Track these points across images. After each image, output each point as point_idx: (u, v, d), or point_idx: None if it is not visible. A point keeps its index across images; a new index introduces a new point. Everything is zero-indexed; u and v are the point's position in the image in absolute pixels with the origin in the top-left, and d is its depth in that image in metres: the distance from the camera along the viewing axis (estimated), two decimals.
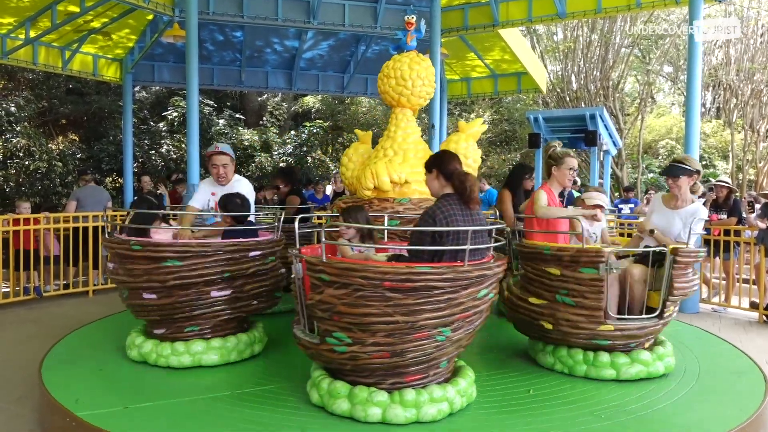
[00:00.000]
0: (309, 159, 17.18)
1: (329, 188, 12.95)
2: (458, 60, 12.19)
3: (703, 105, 21.60)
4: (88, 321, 5.41)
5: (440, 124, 10.01)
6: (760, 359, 4.52)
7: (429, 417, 3.12)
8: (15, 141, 12.53)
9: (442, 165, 3.35)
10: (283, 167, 13.00)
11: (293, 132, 18.07)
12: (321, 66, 12.64)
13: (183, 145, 14.28)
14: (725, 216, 7.41)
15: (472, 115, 19.57)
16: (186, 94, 8.14)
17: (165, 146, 15.02)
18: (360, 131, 5.42)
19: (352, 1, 9.63)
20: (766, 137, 18.41)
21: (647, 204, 9.16)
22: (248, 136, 16.96)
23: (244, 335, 4.27)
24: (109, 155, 14.26)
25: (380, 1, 9.59)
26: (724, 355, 4.53)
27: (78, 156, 14.46)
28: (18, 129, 12.64)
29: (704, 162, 18.87)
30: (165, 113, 15.72)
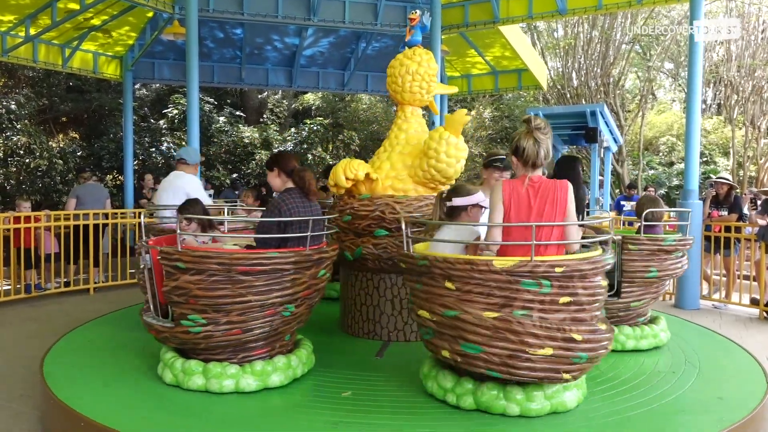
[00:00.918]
0: (309, 156, 17.16)
1: None
2: (459, 57, 12.18)
3: (704, 101, 21.57)
4: (89, 318, 5.42)
5: (441, 122, 10.01)
6: (761, 356, 4.52)
7: (276, 383, 3.52)
8: (15, 139, 12.52)
9: (281, 164, 3.81)
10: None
11: (293, 129, 18.04)
12: (321, 63, 12.63)
13: (183, 143, 14.27)
14: (726, 212, 7.41)
15: (473, 112, 19.55)
16: (186, 92, 8.15)
17: (165, 144, 15.01)
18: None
19: None
20: (767, 134, 18.38)
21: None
22: (248, 134, 16.94)
23: None
24: (110, 153, 14.26)
25: None
26: (725, 352, 4.52)
27: (78, 154, 14.45)
28: (18, 127, 12.64)
29: (705, 158, 18.85)
30: (165, 111, 15.71)
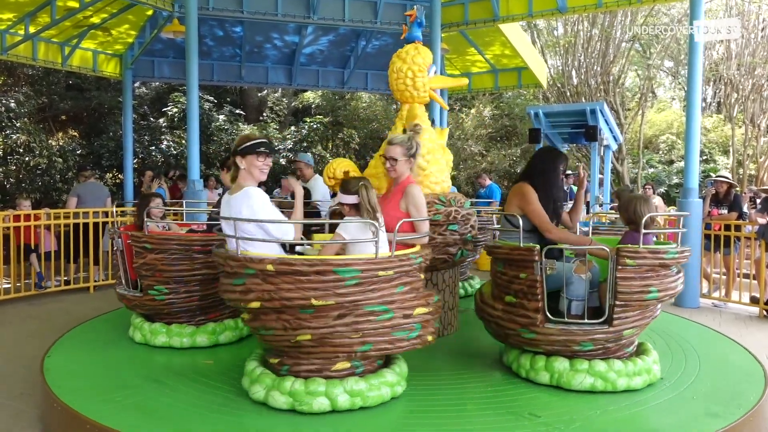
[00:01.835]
0: (309, 154, 17.14)
1: None
2: (459, 55, 12.17)
3: (704, 100, 21.57)
4: (90, 317, 5.43)
5: (441, 121, 10.01)
6: (761, 354, 4.52)
7: (225, 340, 4.47)
8: (15, 137, 12.50)
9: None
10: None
11: (293, 128, 18.03)
12: (321, 61, 12.61)
13: (183, 141, 14.26)
14: (726, 211, 7.42)
15: (472, 111, 19.54)
16: (186, 90, 8.14)
17: (165, 142, 14.99)
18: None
19: None
20: (767, 132, 18.39)
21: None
22: (248, 132, 16.93)
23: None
24: (109, 151, 14.24)
25: None
26: (724, 350, 4.53)
27: (78, 152, 14.43)
28: (18, 125, 12.62)
29: (705, 157, 18.84)
30: (165, 109, 15.69)
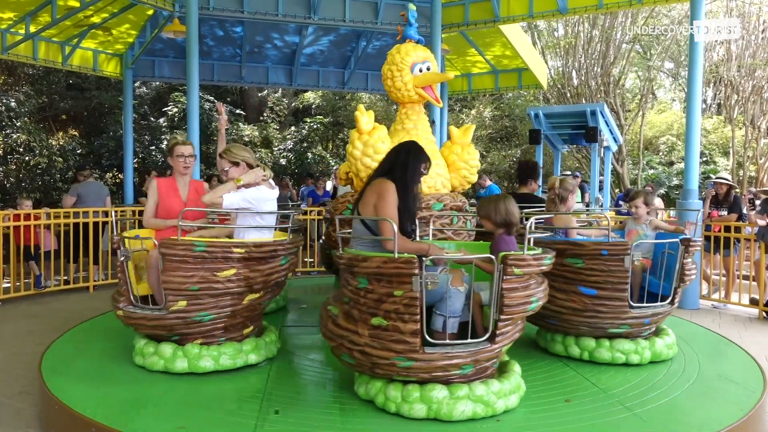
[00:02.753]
0: (309, 155, 17.16)
1: (329, 184, 12.95)
2: (459, 56, 12.18)
3: (704, 101, 21.58)
4: (89, 316, 5.42)
5: (441, 121, 10.01)
6: (760, 356, 4.52)
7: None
8: (15, 136, 12.52)
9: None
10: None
11: (293, 128, 18.05)
12: (321, 62, 12.62)
13: None
14: (726, 212, 7.42)
15: (473, 111, 19.55)
16: (186, 90, 8.15)
17: (165, 142, 15.01)
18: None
19: None
20: (767, 134, 18.39)
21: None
22: (248, 132, 16.95)
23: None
24: (110, 151, 14.26)
25: None
26: (724, 352, 4.52)
27: (78, 152, 14.45)
28: (18, 124, 12.63)
29: (705, 158, 18.84)
30: (165, 109, 15.71)
